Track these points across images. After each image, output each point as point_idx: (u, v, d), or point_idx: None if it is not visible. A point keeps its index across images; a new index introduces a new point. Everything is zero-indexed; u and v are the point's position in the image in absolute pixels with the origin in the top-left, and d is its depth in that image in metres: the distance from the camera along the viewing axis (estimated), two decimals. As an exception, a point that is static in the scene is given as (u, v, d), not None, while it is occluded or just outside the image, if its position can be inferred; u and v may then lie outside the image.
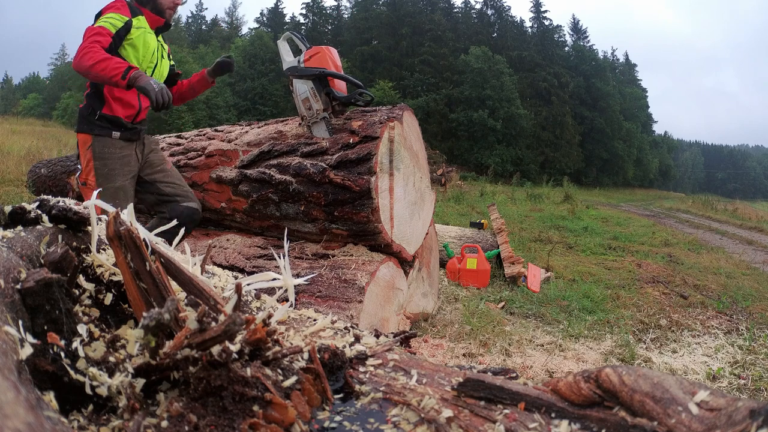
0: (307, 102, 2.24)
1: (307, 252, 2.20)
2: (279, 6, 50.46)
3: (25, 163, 7.77)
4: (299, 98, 2.25)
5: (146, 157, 2.29)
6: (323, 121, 2.25)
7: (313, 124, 2.27)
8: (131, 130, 2.23)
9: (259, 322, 0.51)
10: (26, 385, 0.36)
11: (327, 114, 2.26)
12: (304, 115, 2.28)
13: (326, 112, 2.26)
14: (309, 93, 2.23)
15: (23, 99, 45.76)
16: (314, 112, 2.25)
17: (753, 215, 15.68)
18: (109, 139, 2.19)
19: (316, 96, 2.22)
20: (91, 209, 0.68)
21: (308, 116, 2.27)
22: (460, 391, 0.52)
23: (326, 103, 2.25)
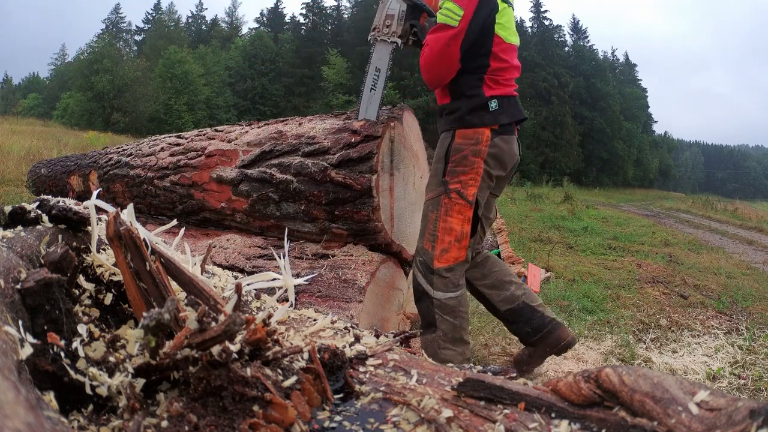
0: (390, 20, 2.09)
1: (307, 252, 2.20)
2: (279, 6, 50.43)
3: (25, 163, 7.77)
4: (385, 11, 2.11)
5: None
6: (391, 45, 2.11)
7: (380, 42, 2.12)
8: None
9: (259, 322, 0.51)
10: (26, 385, 0.36)
11: (398, 41, 2.11)
12: (378, 27, 2.11)
13: (400, 39, 2.10)
14: (398, 12, 2.09)
15: (23, 99, 45.77)
16: (389, 32, 2.09)
17: (753, 215, 15.68)
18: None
19: (402, 19, 2.09)
20: (91, 209, 0.68)
21: (381, 32, 2.11)
22: (460, 391, 0.52)
23: (405, 32, 2.10)
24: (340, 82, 36.81)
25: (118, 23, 49.44)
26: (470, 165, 1.90)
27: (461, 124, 1.93)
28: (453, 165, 1.92)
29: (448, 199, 1.92)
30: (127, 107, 30.73)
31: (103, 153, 3.61)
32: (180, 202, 2.73)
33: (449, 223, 1.92)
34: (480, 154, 1.91)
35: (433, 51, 1.86)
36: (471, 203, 1.92)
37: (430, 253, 1.94)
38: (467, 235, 1.93)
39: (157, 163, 2.84)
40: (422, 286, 1.95)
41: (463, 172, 1.91)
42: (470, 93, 1.92)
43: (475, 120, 1.91)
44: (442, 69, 1.89)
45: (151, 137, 3.39)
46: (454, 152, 1.93)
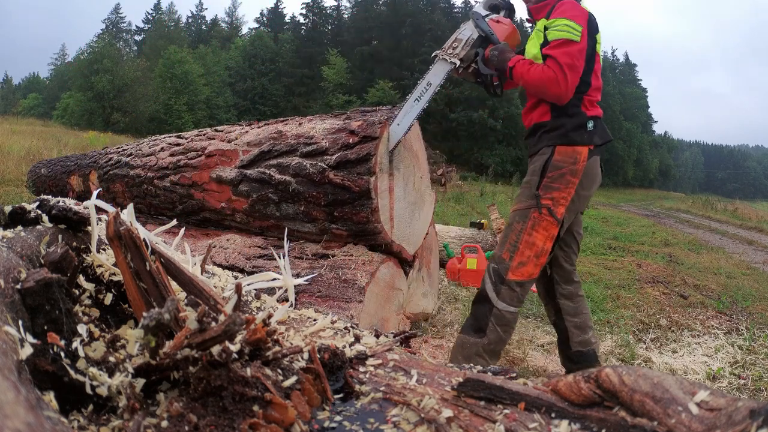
0: (458, 43, 2.13)
1: (307, 252, 2.20)
2: (279, 6, 50.45)
3: (25, 163, 7.77)
4: (457, 34, 2.16)
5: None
6: (450, 64, 2.13)
7: (441, 59, 2.16)
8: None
9: (259, 322, 0.51)
10: (26, 385, 0.36)
11: (458, 64, 2.12)
12: (444, 48, 2.14)
13: (461, 63, 2.11)
14: (466, 38, 2.12)
15: (23, 99, 45.77)
16: (453, 53, 2.11)
17: (753, 215, 15.68)
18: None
19: (468, 45, 2.12)
20: (91, 209, 0.68)
21: (445, 52, 2.15)
22: (460, 391, 0.52)
23: (468, 57, 2.12)
24: (340, 82, 36.82)
25: (118, 23, 49.46)
26: (565, 184, 1.92)
27: (563, 141, 1.93)
28: (549, 180, 1.92)
29: (538, 214, 1.92)
30: (127, 107, 30.73)
31: (103, 153, 3.61)
32: (180, 202, 2.73)
33: (533, 238, 1.92)
34: (577, 174, 1.92)
35: (564, 65, 1.84)
36: (558, 222, 1.92)
37: (506, 263, 1.94)
38: (547, 252, 1.94)
39: (157, 163, 2.84)
40: (487, 293, 1.95)
41: (557, 190, 1.92)
42: (571, 112, 1.94)
43: (577, 138, 1.93)
44: (573, 82, 1.87)
45: (151, 137, 3.39)
46: (552, 168, 1.93)
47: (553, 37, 1.87)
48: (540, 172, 1.94)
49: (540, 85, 1.89)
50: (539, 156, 1.97)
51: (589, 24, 1.90)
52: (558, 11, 1.91)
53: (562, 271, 2.12)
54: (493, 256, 2.01)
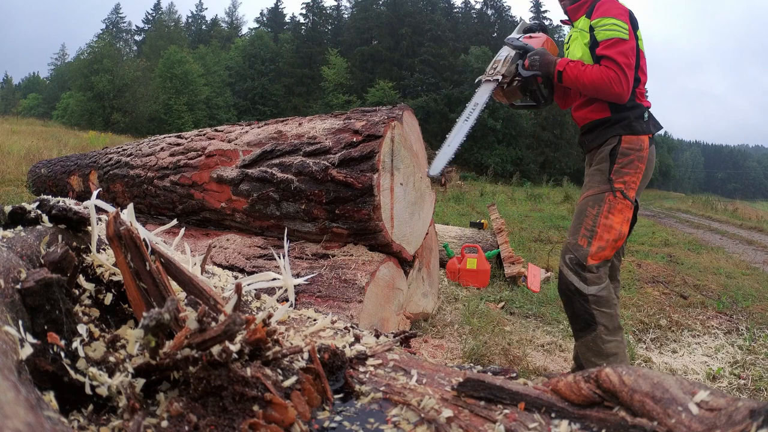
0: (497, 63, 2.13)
1: (307, 252, 2.20)
2: (279, 6, 50.48)
3: (25, 163, 7.77)
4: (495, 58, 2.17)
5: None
6: (493, 82, 2.10)
7: (485, 82, 2.14)
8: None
9: (259, 322, 0.51)
10: (26, 385, 0.36)
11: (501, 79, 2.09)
12: (486, 72, 2.15)
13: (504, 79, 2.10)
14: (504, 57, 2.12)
15: (23, 99, 45.78)
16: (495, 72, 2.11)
17: (753, 215, 15.68)
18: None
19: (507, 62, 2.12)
20: (91, 209, 0.68)
21: (486, 74, 2.13)
22: (460, 391, 0.52)
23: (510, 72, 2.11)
24: (339, 82, 36.83)
25: (118, 23, 49.48)
26: (635, 169, 1.95)
27: (628, 131, 1.96)
28: (619, 166, 1.95)
29: (613, 197, 1.93)
30: (127, 107, 30.75)
31: (103, 153, 3.61)
32: (180, 202, 2.73)
33: (611, 221, 1.93)
34: (643, 160, 1.96)
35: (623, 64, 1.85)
36: (632, 204, 1.96)
37: (584, 250, 1.94)
38: (624, 236, 1.95)
39: (157, 163, 2.84)
40: (574, 285, 1.93)
41: (628, 174, 1.95)
42: (630, 104, 1.97)
43: (639, 127, 1.96)
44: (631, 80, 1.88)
45: (151, 137, 3.39)
46: (621, 155, 1.96)
47: (604, 37, 1.88)
48: (609, 159, 1.97)
49: (601, 85, 1.88)
50: (605, 146, 1.99)
51: (631, 20, 1.91)
52: (600, 10, 1.93)
53: (611, 266, 2.12)
54: (566, 247, 2.00)
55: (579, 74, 1.91)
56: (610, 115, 2.01)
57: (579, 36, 2.00)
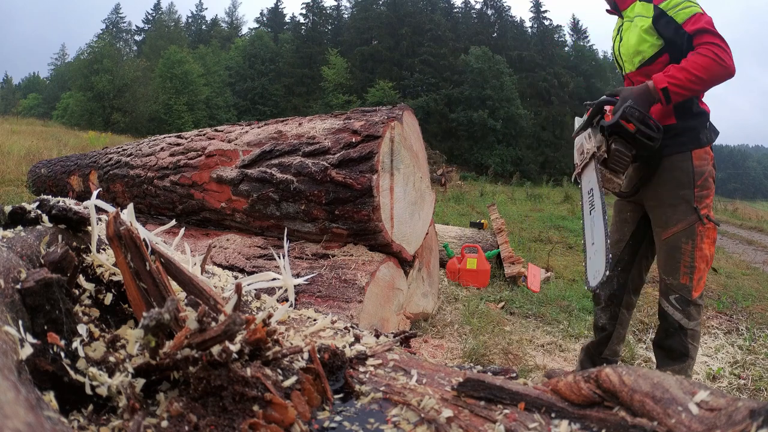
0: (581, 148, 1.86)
1: (307, 252, 2.20)
2: (279, 6, 50.49)
3: (25, 163, 7.77)
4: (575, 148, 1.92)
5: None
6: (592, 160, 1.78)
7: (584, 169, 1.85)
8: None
9: (259, 322, 0.51)
10: (26, 385, 0.36)
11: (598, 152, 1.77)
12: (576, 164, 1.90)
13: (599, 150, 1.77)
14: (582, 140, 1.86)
15: (23, 99, 45.79)
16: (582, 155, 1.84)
17: (753, 215, 15.68)
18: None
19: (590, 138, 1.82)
20: (91, 209, 0.68)
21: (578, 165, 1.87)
22: (460, 391, 0.52)
23: (600, 140, 1.78)
24: (340, 82, 36.84)
25: (118, 23, 49.48)
26: (709, 186, 1.83)
27: (697, 144, 1.80)
28: (699, 190, 1.82)
29: (703, 226, 1.82)
30: (127, 107, 30.77)
31: (103, 153, 3.61)
32: (180, 202, 2.73)
33: (704, 251, 1.84)
34: (713, 174, 1.85)
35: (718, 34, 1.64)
36: (717, 224, 1.86)
37: (688, 286, 1.84)
38: (713, 257, 1.89)
39: (157, 163, 2.84)
40: (678, 323, 1.85)
41: (707, 196, 1.83)
42: (696, 110, 1.81)
43: (705, 138, 1.82)
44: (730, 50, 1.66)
45: (151, 137, 3.39)
46: (698, 176, 1.81)
47: (688, 15, 1.68)
48: (690, 184, 1.81)
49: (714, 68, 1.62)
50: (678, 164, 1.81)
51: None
52: None
53: (638, 280, 2.06)
54: (667, 287, 1.88)
55: (686, 75, 1.64)
56: (675, 122, 1.80)
57: (633, 24, 1.81)
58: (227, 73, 38.17)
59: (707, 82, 1.65)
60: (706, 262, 1.86)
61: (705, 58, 1.62)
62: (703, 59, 1.62)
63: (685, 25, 1.66)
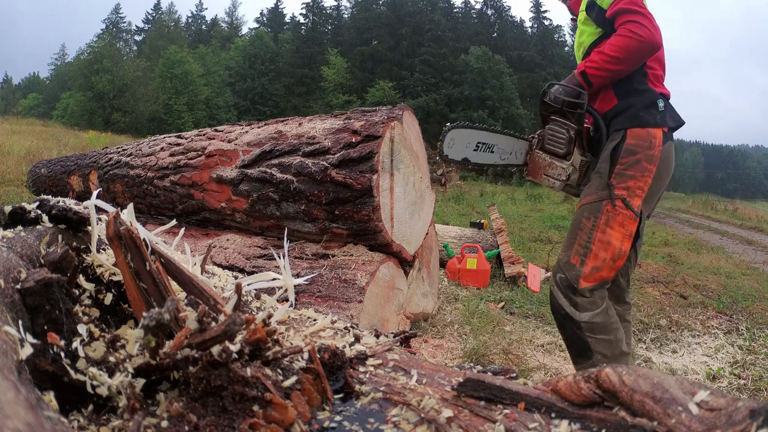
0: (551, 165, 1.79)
1: (307, 252, 2.20)
2: (279, 6, 50.50)
3: (25, 163, 7.77)
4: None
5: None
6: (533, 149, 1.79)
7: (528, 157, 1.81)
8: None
9: (259, 322, 0.51)
10: (26, 385, 0.36)
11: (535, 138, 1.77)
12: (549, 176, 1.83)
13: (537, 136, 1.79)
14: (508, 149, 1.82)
15: (23, 99, 45.82)
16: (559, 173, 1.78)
17: (753, 215, 15.68)
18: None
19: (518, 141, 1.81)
20: (91, 209, 0.68)
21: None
22: (460, 391, 0.52)
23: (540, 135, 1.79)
24: (340, 82, 36.85)
25: (118, 23, 49.50)
26: (641, 171, 1.63)
27: (635, 123, 1.65)
28: (622, 167, 1.64)
29: (612, 207, 1.63)
30: (127, 107, 30.79)
31: (103, 153, 3.61)
32: (180, 202, 2.73)
33: (608, 236, 1.63)
34: (653, 160, 1.64)
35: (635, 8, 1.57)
36: (637, 215, 1.63)
37: (576, 270, 1.67)
38: (624, 254, 1.65)
39: (157, 163, 2.84)
40: (564, 309, 1.70)
41: (632, 178, 1.63)
42: (640, 88, 1.67)
43: (649, 118, 1.65)
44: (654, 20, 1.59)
45: (151, 137, 3.39)
46: (625, 153, 1.65)
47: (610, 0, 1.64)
48: (610, 159, 1.67)
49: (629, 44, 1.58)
50: (608, 143, 1.70)
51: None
52: None
53: (616, 288, 1.87)
54: (558, 263, 1.76)
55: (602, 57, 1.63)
56: (616, 102, 1.71)
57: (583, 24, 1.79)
58: (227, 73, 38.19)
59: (625, 60, 1.61)
60: (609, 252, 1.64)
61: (620, 37, 1.59)
62: (618, 39, 1.60)
63: (608, 11, 1.63)
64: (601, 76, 1.66)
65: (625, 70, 1.65)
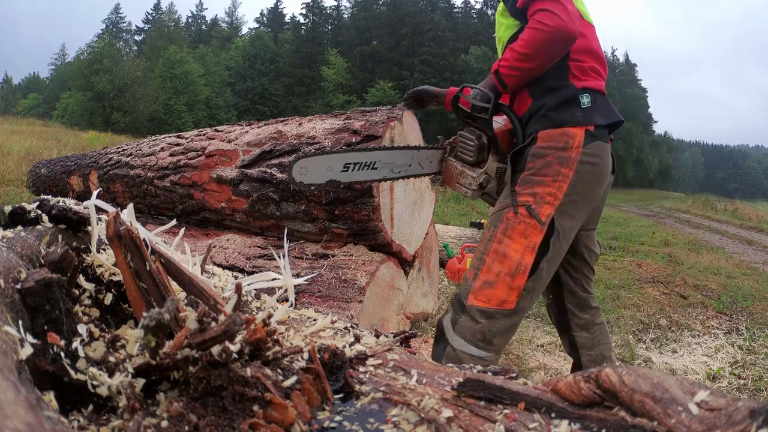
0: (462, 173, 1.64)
1: (307, 252, 2.20)
2: (279, 6, 50.48)
3: (25, 163, 7.77)
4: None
5: None
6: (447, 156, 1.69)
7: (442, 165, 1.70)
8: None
9: (259, 322, 0.51)
10: (26, 385, 0.36)
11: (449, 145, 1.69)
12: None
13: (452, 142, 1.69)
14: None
15: (23, 99, 45.82)
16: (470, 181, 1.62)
17: (753, 215, 15.69)
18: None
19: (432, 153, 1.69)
20: (91, 209, 0.68)
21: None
22: (460, 391, 0.52)
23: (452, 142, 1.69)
24: (340, 82, 36.85)
25: (118, 23, 49.51)
26: (553, 175, 1.41)
27: (545, 123, 1.45)
28: (529, 173, 1.44)
29: (513, 215, 1.41)
30: (127, 107, 30.80)
31: (103, 153, 3.61)
32: (180, 202, 2.73)
33: (505, 247, 1.40)
34: (568, 163, 1.41)
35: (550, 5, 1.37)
36: (542, 225, 1.40)
37: (468, 284, 1.45)
38: (526, 270, 1.38)
39: (157, 163, 2.84)
40: (443, 324, 1.49)
41: (540, 183, 1.42)
42: (557, 85, 1.47)
43: (565, 116, 1.44)
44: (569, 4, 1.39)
45: (151, 137, 3.39)
46: (532, 157, 1.44)
47: None
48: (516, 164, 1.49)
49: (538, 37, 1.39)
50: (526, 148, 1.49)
51: None
52: None
53: (575, 298, 1.72)
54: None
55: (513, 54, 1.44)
56: (530, 103, 1.51)
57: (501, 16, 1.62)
58: (227, 73, 38.20)
59: (535, 56, 1.42)
60: (504, 265, 1.40)
61: (529, 30, 1.40)
62: (527, 33, 1.41)
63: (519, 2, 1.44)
64: (514, 75, 1.46)
65: (537, 66, 1.44)
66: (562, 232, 1.43)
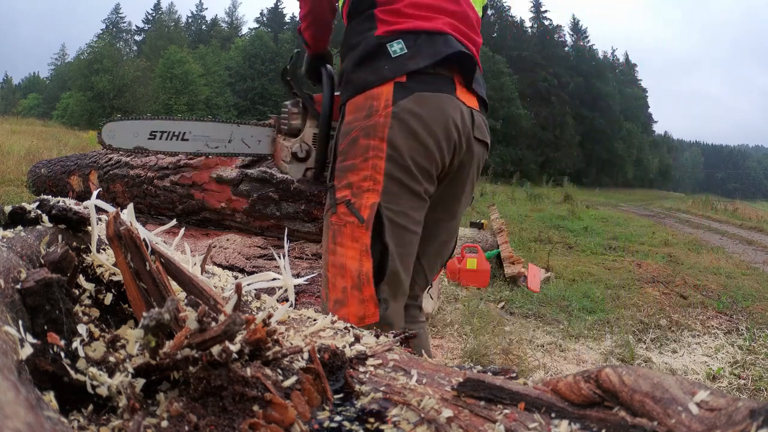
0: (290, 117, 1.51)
1: (307, 252, 2.20)
2: (279, 6, 50.50)
3: (25, 163, 7.77)
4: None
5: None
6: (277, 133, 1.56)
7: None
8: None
9: (259, 322, 0.51)
10: (26, 385, 0.36)
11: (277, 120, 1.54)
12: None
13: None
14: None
15: (23, 99, 45.82)
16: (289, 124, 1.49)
17: (753, 215, 15.69)
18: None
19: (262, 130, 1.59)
20: (91, 209, 0.68)
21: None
22: (460, 391, 0.52)
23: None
24: (340, 82, 36.85)
25: (118, 23, 49.53)
26: (362, 154, 1.11)
27: (349, 92, 1.17)
28: (341, 159, 1.17)
29: (335, 216, 1.16)
30: (127, 107, 30.80)
31: (103, 153, 3.60)
32: (180, 202, 2.73)
33: (340, 257, 1.15)
34: (375, 132, 1.10)
35: None
36: (363, 221, 1.12)
37: (324, 304, 1.21)
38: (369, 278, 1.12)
39: (157, 163, 2.84)
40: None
41: (351, 169, 1.13)
42: (356, 41, 1.18)
43: (366, 76, 1.13)
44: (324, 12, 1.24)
45: (151, 137, 3.39)
46: (342, 137, 1.16)
47: None
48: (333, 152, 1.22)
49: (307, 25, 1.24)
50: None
51: None
52: None
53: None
54: None
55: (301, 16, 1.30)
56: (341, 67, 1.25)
57: None
58: (227, 73, 38.21)
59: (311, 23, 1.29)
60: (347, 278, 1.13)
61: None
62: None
63: None
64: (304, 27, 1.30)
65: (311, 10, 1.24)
66: (396, 220, 1.13)
